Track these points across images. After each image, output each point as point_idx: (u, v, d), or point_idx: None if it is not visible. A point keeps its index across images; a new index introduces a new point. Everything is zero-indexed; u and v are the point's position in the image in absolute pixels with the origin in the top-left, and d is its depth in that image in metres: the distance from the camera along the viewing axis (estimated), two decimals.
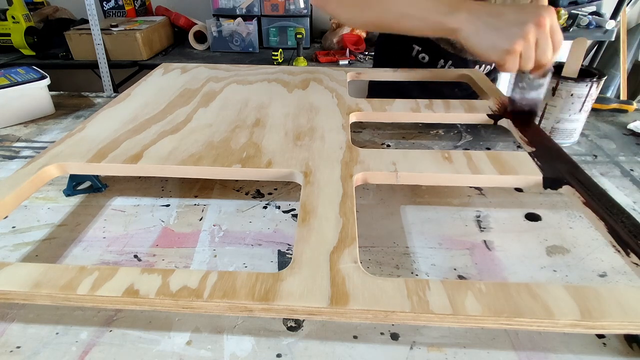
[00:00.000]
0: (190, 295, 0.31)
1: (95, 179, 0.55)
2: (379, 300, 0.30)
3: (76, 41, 1.74)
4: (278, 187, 0.56)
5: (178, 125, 0.56)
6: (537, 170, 0.46)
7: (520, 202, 0.53)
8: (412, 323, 0.30)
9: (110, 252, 0.45)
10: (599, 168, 0.61)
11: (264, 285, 0.32)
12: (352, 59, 1.78)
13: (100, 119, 0.58)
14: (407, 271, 0.42)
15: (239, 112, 0.60)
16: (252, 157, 0.48)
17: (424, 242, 0.46)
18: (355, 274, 0.33)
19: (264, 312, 0.31)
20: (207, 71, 0.78)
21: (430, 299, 0.30)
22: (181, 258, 0.44)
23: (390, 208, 0.52)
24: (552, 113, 0.65)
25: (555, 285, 0.31)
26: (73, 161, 0.47)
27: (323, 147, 0.50)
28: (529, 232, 0.48)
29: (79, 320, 0.37)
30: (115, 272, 0.33)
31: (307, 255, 0.35)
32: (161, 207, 0.52)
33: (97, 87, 1.88)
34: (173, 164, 0.47)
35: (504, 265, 0.43)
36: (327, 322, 0.37)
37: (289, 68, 0.80)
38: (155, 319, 0.37)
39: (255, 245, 0.46)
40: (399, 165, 0.46)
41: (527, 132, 0.55)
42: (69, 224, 0.49)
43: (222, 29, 1.84)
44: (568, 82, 0.62)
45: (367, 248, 0.45)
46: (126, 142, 0.51)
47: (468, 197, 0.54)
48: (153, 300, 0.31)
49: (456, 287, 0.31)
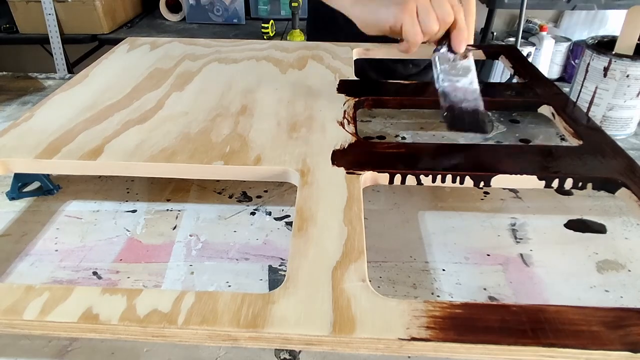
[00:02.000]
0: (162, 321, 0.31)
1: (46, 178, 0.55)
2: (392, 327, 0.30)
3: (22, 10, 1.74)
4: (269, 189, 0.56)
5: (147, 114, 0.56)
6: (585, 168, 0.46)
7: (565, 208, 0.53)
8: (432, 355, 0.30)
9: (64, 268, 0.45)
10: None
11: (251, 309, 0.32)
12: None
13: (52, 106, 0.58)
14: (427, 291, 0.42)
15: (221, 98, 0.60)
16: (237, 152, 0.48)
17: (448, 256, 0.46)
18: (363, 295, 0.33)
19: (251, 341, 0.31)
20: (182, 47, 0.78)
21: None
22: (150, 275, 0.44)
23: (406, 214, 0.52)
24: (604, 98, 0.65)
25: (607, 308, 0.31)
26: (18, 157, 0.47)
27: (324, 140, 0.50)
28: (575, 244, 0.48)
29: (26, 351, 0.37)
30: (69, 292, 0.33)
31: (305, 272, 0.35)
32: (126, 213, 0.52)
33: (47, 67, 1.88)
34: (140, 160, 0.47)
35: (544, 285, 0.43)
36: (329, 354, 0.37)
37: (282, 43, 0.80)
38: (120, 350, 0.37)
39: (240, 259, 0.46)
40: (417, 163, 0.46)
41: (574, 121, 0.55)
42: (13, 233, 0.49)
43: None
44: (623, 60, 0.62)
45: (377, 263, 0.45)
46: (83, 133, 0.51)
47: (501, 200, 0.54)
48: (116, 327, 0.31)
49: (486, 311, 0.31)
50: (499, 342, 0.29)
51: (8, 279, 0.44)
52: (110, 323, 0.31)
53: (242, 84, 0.64)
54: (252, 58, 0.73)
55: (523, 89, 0.63)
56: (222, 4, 1.85)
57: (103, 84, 0.64)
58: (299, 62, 0.71)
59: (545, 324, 0.30)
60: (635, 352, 0.29)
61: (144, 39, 0.81)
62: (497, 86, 0.70)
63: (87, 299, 0.32)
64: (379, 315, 0.31)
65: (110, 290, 0.33)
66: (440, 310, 0.32)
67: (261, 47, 0.78)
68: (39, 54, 1.99)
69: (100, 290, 0.33)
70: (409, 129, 0.69)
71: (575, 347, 0.29)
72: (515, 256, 0.46)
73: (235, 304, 0.32)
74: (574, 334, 0.30)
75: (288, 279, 0.34)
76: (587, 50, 0.66)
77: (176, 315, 0.31)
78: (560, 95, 0.60)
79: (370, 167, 0.46)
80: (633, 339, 0.30)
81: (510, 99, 0.61)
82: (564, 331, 0.30)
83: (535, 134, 0.68)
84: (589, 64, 0.66)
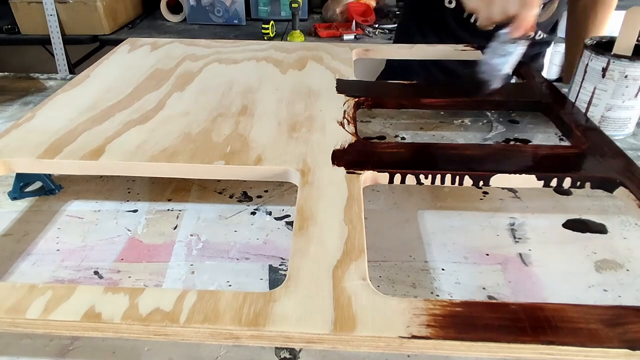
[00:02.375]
0: (164, 320, 0.31)
1: (47, 178, 0.55)
2: (393, 325, 0.30)
3: (24, 11, 1.74)
4: (269, 189, 0.57)
5: (148, 114, 0.56)
6: (583, 168, 0.46)
7: (564, 207, 0.53)
8: (432, 353, 0.30)
9: (66, 267, 0.45)
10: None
11: (253, 308, 0.32)
12: (359, 32, 1.78)
13: (53, 106, 0.58)
14: (426, 290, 0.43)
15: (222, 98, 0.60)
16: (238, 152, 0.48)
17: (447, 256, 0.46)
18: (363, 294, 0.33)
19: (252, 339, 0.31)
20: (182, 48, 0.78)
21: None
22: (151, 275, 0.44)
23: (405, 214, 0.52)
24: (602, 99, 0.65)
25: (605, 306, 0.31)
26: (20, 157, 0.47)
27: (324, 140, 0.50)
28: (574, 244, 0.48)
29: (28, 350, 0.37)
30: (72, 291, 0.33)
31: (305, 271, 0.35)
32: (127, 212, 0.52)
33: (49, 68, 1.88)
34: (142, 160, 0.47)
35: (543, 284, 0.43)
36: (329, 352, 0.37)
37: (283, 44, 0.80)
38: (120, 349, 0.37)
39: (241, 259, 0.46)
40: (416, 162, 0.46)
41: (571, 122, 0.55)
42: (15, 233, 0.49)
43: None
44: (621, 60, 0.62)
45: (377, 262, 0.45)
46: (85, 134, 0.51)
47: (500, 200, 0.54)
48: (118, 326, 0.31)
49: (486, 309, 0.31)
50: (499, 340, 0.30)
51: (10, 278, 0.44)
52: (112, 322, 0.31)
53: (243, 85, 0.64)
54: (253, 59, 0.73)
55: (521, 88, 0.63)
56: (223, 5, 1.85)
57: (104, 85, 0.64)
58: (299, 63, 0.71)
59: (544, 322, 0.31)
60: (634, 350, 0.29)
61: (145, 40, 0.81)
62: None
63: (89, 298, 0.32)
64: (379, 313, 0.31)
65: (113, 289, 0.33)
66: (441, 308, 0.32)
67: (261, 47, 0.78)
68: (41, 55, 1.99)
69: (103, 289, 0.33)
70: (408, 129, 0.69)
71: (574, 344, 0.29)
72: (514, 256, 0.47)
73: (237, 302, 0.32)
74: (573, 332, 0.30)
75: (289, 278, 0.34)
76: (585, 51, 0.66)
77: (178, 313, 0.31)
78: (558, 95, 0.60)
79: (370, 167, 0.46)
80: (631, 336, 0.30)
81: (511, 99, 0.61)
82: (562, 329, 0.30)
83: (534, 134, 0.68)
84: (587, 64, 0.66)
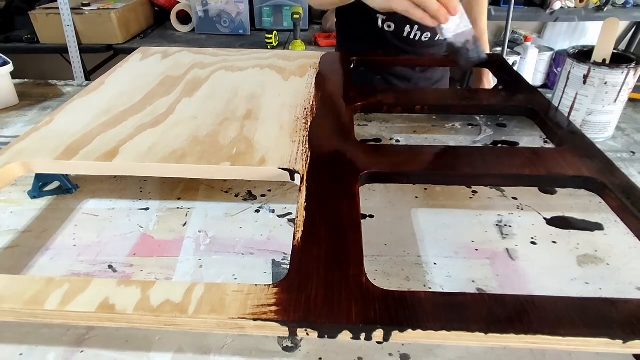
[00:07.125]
0: (174, 311, 0.31)
1: (65, 178, 0.55)
2: (387, 316, 0.30)
3: (43, 22, 1.73)
4: (272, 188, 0.57)
5: (158, 118, 0.56)
6: (566, 168, 0.46)
7: (548, 205, 0.53)
8: (424, 342, 0.30)
9: (82, 261, 0.45)
10: (637, 166, 0.61)
11: (257, 299, 0.32)
12: None
13: (70, 111, 0.58)
14: (419, 283, 0.43)
15: (228, 103, 0.60)
16: (243, 153, 0.48)
17: (439, 251, 0.46)
18: (360, 287, 0.33)
19: (257, 329, 0.31)
20: (191, 56, 0.78)
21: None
22: (162, 269, 0.44)
23: (400, 212, 0.52)
24: (583, 104, 0.65)
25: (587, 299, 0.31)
26: (39, 159, 0.47)
27: (324, 142, 0.50)
28: (558, 240, 0.48)
29: (46, 339, 0.37)
30: (87, 284, 0.33)
31: (306, 265, 0.35)
32: (139, 210, 0.53)
33: (66, 75, 1.88)
34: (153, 161, 0.47)
35: (529, 278, 0.43)
36: (328, 342, 0.37)
37: (285, 53, 0.80)
38: (133, 338, 0.37)
39: (246, 254, 0.46)
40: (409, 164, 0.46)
41: (555, 125, 0.55)
42: (34, 230, 0.49)
43: (209, 8, 1.84)
44: (601, 68, 0.62)
45: (373, 257, 0.45)
46: (100, 137, 0.51)
47: (488, 199, 0.54)
48: (131, 317, 0.31)
49: (475, 301, 0.31)
50: (487, 330, 0.30)
51: (30, 272, 0.44)
52: (125, 313, 0.31)
53: (248, 90, 0.64)
54: (257, 66, 0.73)
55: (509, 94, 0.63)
56: (229, 16, 1.85)
57: (118, 91, 0.64)
58: (300, 70, 0.71)
59: (530, 313, 0.31)
60: (613, 339, 0.29)
61: (156, 49, 0.81)
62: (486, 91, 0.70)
63: (104, 291, 0.33)
64: (375, 304, 0.31)
65: (126, 282, 0.33)
66: (432, 299, 0.32)
67: (265, 56, 0.78)
68: (59, 63, 1.99)
69: (117, 283, 0.33)
70: (402, 132, 0.69)
71: (558, 334, 0.29)
72: (502, 251, 0.47)
73: (242, 294, 0.32)
74: (557, 323, 0.30)
75: (291, 272, 0.34)
76: (568, 59, 0.66)
77: (187, 305, 0.31)
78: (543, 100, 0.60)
79: (366, 168, 0.46)
80: (611, 326, 0.30)
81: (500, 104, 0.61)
82: (547, 320, 0.30)
83: (520, 137, 0.68)
84: (569, 72, 0.66)
